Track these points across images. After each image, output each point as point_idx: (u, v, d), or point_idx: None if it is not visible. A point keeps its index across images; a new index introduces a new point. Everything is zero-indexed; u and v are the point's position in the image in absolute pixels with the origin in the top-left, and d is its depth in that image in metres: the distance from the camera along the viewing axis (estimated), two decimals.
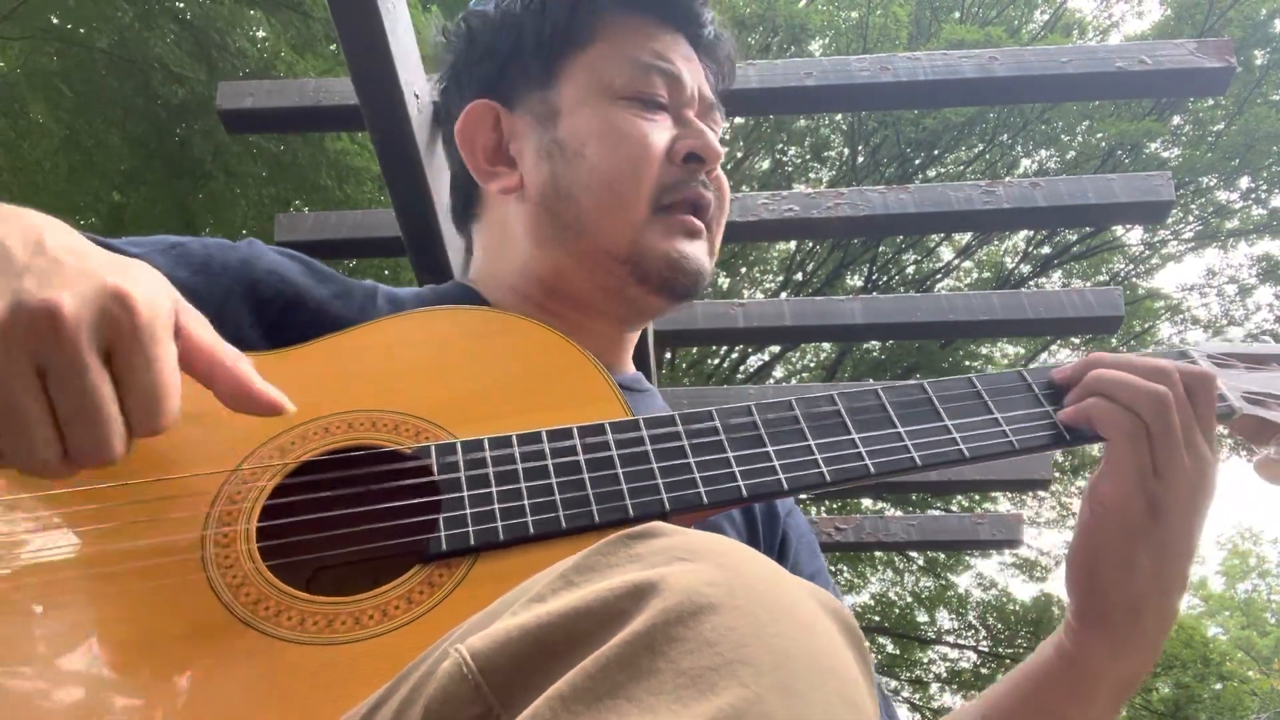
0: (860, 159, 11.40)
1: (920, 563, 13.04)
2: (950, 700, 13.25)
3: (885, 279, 12.19)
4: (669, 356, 10.61)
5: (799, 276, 12.18)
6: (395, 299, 0.96)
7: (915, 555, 12.46)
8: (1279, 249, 12.00)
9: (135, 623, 0.63)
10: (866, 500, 10.25)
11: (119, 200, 7.12)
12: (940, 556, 12.47)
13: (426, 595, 0.66)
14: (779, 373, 12.73)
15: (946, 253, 12.52)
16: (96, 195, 7.06)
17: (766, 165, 12.08)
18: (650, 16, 1.00)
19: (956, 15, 11.41)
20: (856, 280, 12.21)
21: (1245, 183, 11.16)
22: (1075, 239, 11.66)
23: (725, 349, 11.65)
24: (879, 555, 12.39)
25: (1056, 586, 14.06)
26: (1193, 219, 11.82)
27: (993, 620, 12.75)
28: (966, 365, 12.04)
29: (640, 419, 0.76)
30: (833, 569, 12.68)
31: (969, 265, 12.85)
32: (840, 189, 2.62)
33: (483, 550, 0.68)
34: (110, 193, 7.12)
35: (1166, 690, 11.87)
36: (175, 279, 0.85)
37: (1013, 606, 12.65)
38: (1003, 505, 11.56)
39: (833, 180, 11.71)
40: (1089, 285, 11.26)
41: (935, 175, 11.68)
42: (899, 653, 13.33)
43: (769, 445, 0.76)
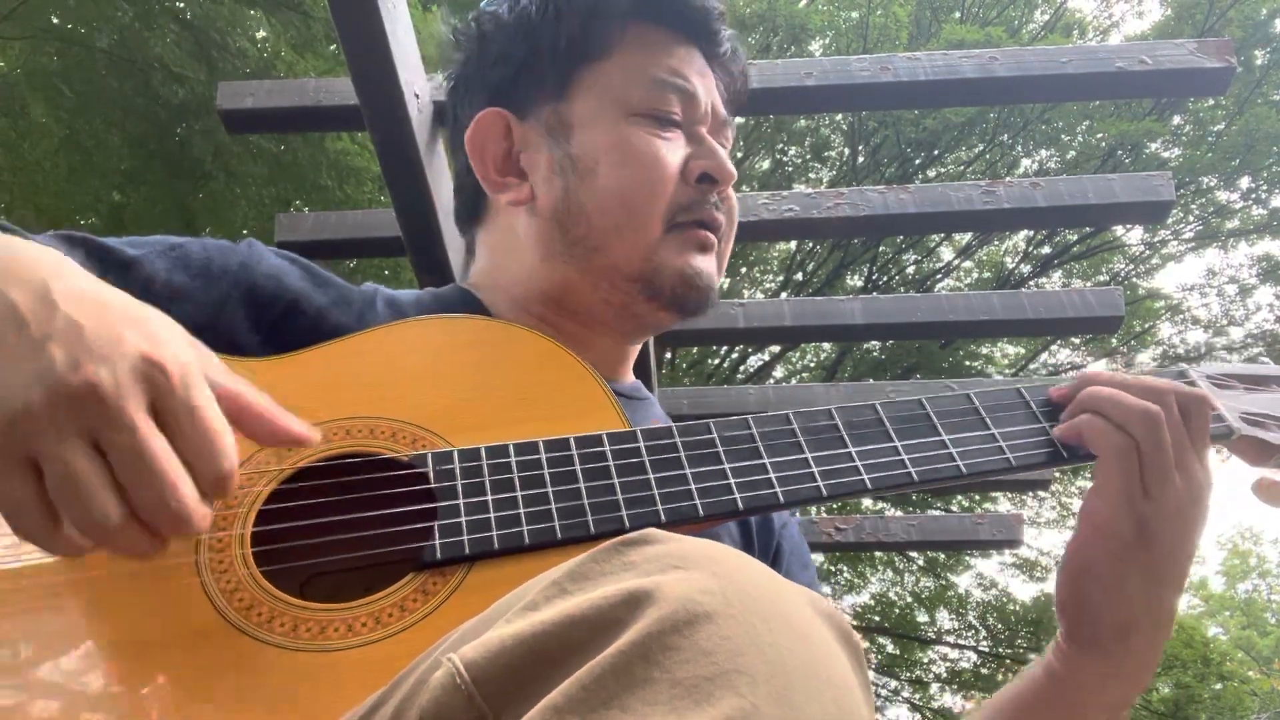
0: (860, 159, 11.39)
1: (920, 563, 13.04)
2: (950, 700, 13.25)
3: (885, 279, 12.19)
4: (669, 356, 10.61)
5: (799, 276, 12.18)
6: (394, 303, 0.96)
7: (915, 555, 12.45)
8: (1279, 249, 12.01)
9: (128, 627, 0.63)
10: (866, 501, 10.24)
11: (119, 200, 7.12)
12: (940, 556, 12.47)
13: (420, 603, 0.66)
14: (779, 373, 12.73)
15: (946, 253, 12.52)
16: (96, 195, 7.05)
17: (766, 165, 12.08)
18: (666, 30, 0.99)
19: (957, 15, 11.40)
20: (856, 280, 12.21)
21: (1245, 183, 11.16)
22: (1075, 239, 11.66)
23: (725, 349, 11.65)
24: (879, 555, 12.39)
25: None
26: (1193, 219, 11.81)
27: (993, 620, 12.75)
28: (966, 365, 12.03)
29: (637, 430, 0.76)
30: (833, 569, 12.70)
31: (969, 265, 12.84)
32: (840, 189, 2.61)
33: (477, 559, 0.68)
34: (110, 193, 7.12)
35: (1166, 690, 11.86)
36: (174, 282, 0.85)
37: (1013, 606, 12.65)
38: (1003, 505, 11.57)
39: (833, 180, 11.71)
40: (1089, 285, 11.26)
41: (935, 175, 11.67)
42: (899, 653, 13.33)
43: (766, 458, 0.76)
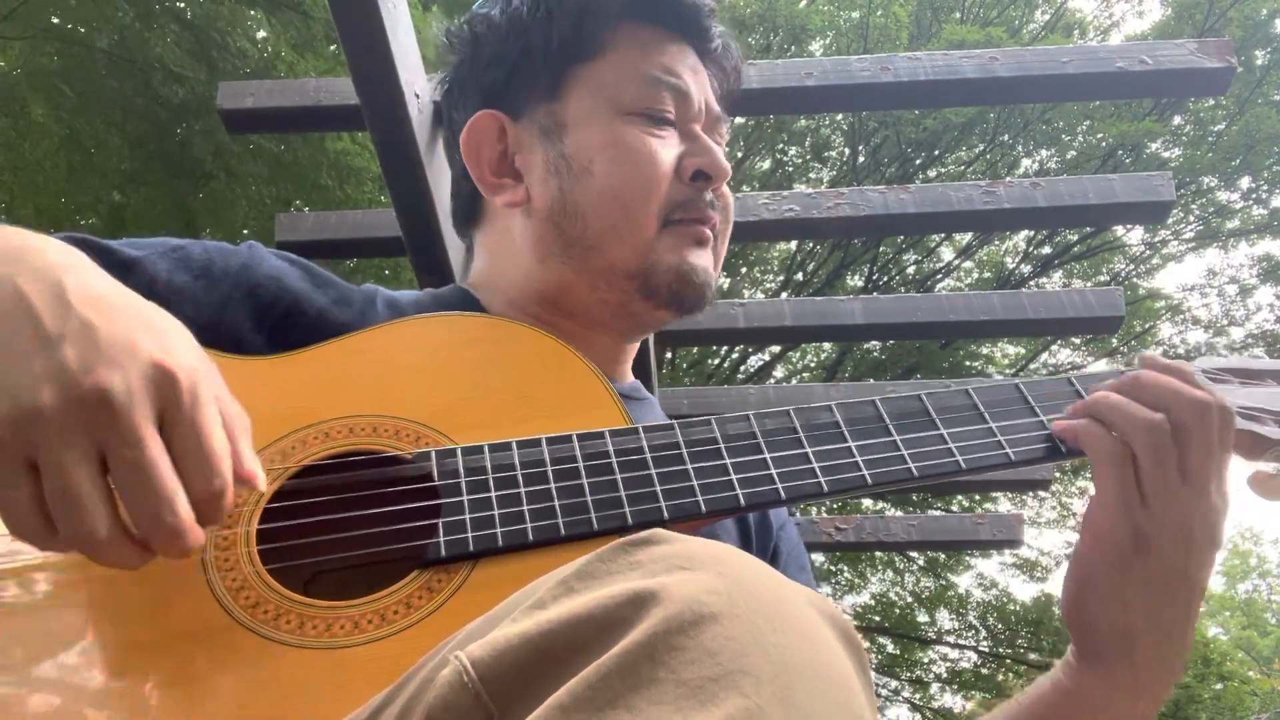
0: (861, 159, 11.39)
1: (920, 563, 13.04)
2: (950, 700, 13.26)
3: (885, 279, 12.19)
4: (669, 356, 10.62)
5: (799, 276, 12.18)
6: (394, 303, 0.96)
7: (915, 555, 12.45)
8: (1279, 249, 12.01)
9: (134, 624, 0.63)
10: (867, 500, 10.25)
11: (119, 200, 7.12)
12: (940, 556, 12.47)
13: (425, 600, 0.66)
14: (779, 373, 12.73)
15: (947, 253, 12.52)
16: (96, 195, 7.05)
17: (766, 165, 12.08)
18: (658, 28, 0.99)
19: (957, 15, 11.40)
20: (856, 280, 12.21)
21: (1246, 183, 11.16)
22: (1076, 239, 11.66)
23: (725, 349, 11.65)
24: (879, 555, 12.39)
25: (1057, 587, 14.05)
26: (1193, 219, 11.81)
27: (993, 620, 12.75)
28: (967, 365, 12.03)
29: (640, 427, 0.76)
30: (833, 569, 12.69)
31: (969, 265, 12.84)
32: (840, 189, 2.61)
33: (482, 556, 0.68)
34: (110, 193, 7.12)
35: None
36: (176, 283, 0.85)
37: (1013, 606, 12.65)
38: (1003, 505, 11.57)
39: (833, 180, 11.71)
40: (1089, 285, 11.27)
41: (936, 175, 11.67)
42: (899, 653, 13.32)
43: (767, 454, 0.76)
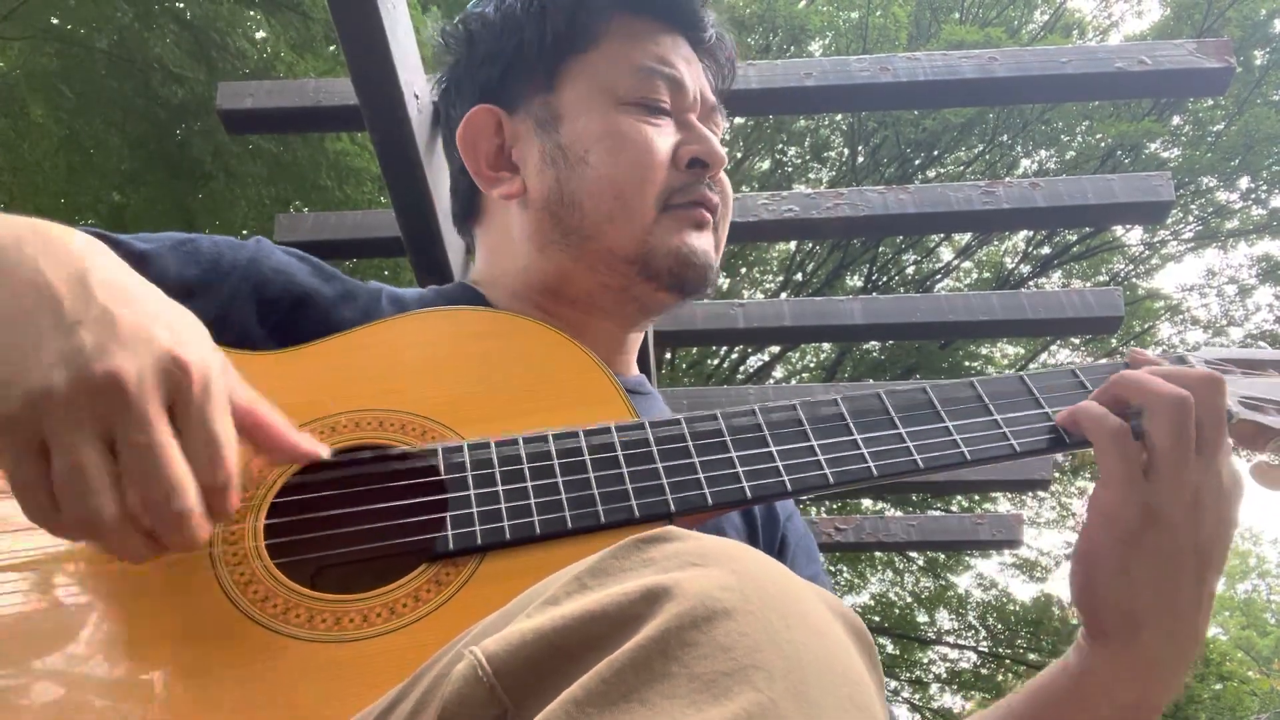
0: (860, 159, 11.39)
1: (920, 563, 13.04)
2: (950, 700, 13.25)
3: (885, 279, 12.19)
4: (669, 356, 10.61)
5: (799, 277, 12.18)
6: (399, 300, 0.97)
7: (915, 555, 12.45)
8: (1279, 249, 12.01)
9: (144, 620, 0.64)
10: (866, 500, 10.25)
11: (119, 200, 7.11)
12: (940, 557, 12.47)
13: (434, 593, 0.66)
14: (779, 373, 12.73)
15: (946, 253, 12.52)
16: (96, 195, 7.05)
17: (766, 165, 12.08)
18: (651, 19, 1.00)
19: (956, 16, 11.40)
20: (856, 280, 12.21)
21: (1245, 183, 11.16)
22: (1075, 239, 11.66)
23: (725, 349, 11.65)
24: (879, 555, 12.39)
25: (1056, 586, 14.06)
26: (1192, 219, 11.81)
27: (993, 620, 12.75)
28: (966, 365, 12.03)
29: (645, 420, 0.76)
30: (832, 569, 12.71)
31: (969, 265, 12.84)
32: (840, 189, 2.62)
33: (489, 549, 0.68)
34: (110, 193, 7.12)
35: None
36: (185, 277, 0.86)
37: (1013, 607, 12.65)
38: (1003, 505, 11.57)
39: (833, 180, 11.71)
40: (1089, 285, 11.26)
41: (935, 175, 11.67)
42: (899, 653, 13.32)
43: (772, 446, 0.76)
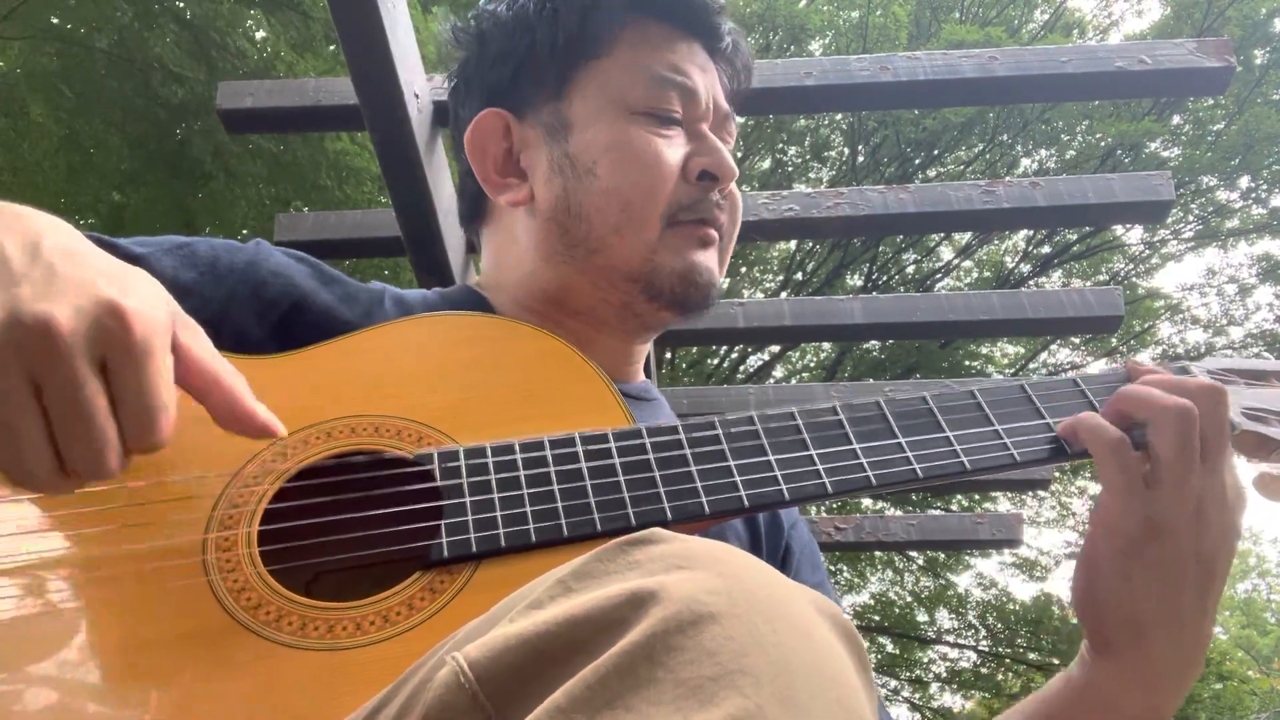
0: (860, 159, 11.39)
1: (920, 562, 13.04)
2: (950, 700, 13.25)
3: (885, 279, 12.18)
4: (669, 356, 10.62)
5: (799, 276, 12.18)
6: (402, 302, 0.96)
7: (915, 555, 12.45)
8: (1279, 249, 12.01)
9: (135, 626, 0.63)
10: (866, 500, 10.25)
11: (119, 200, 7.12)
12: (940, 556, 12.47)
13: (428, 601, 0.66)
14: (779, 373, 12.73)
15: (946, 252, 12.52)
16: (96, 195, 7.06)
17: (766, 165, 12.08)
18: (666, 25, 0.98)
19: (956, 15, 11.40)
20: (856, 280, 12.21)
21: (1245, 182, 11.16)
22: (1075, 239, 11.66)
23: (725, 349, 11.65)
24: (879, 555, 12.39)
25: (1056, 586, 14.06)
26: (1193, 219, 11.81)
27: (992, 620, 12.75)
28: (966, 365, 12.03)
29: (643, 427, 0.76)
30: (832, 569, 12.72)
31: (969, 265, 12.84)
32: (840, 189, 2.61)
33: (484, 557, 0.68)
34: (110, 193, 7.12)
35: None
36: (182, 280, 0.85)
37: (1012, 606, 12.65)
38: (1003, 505, 11.57)
39: (833, 180, 11.71)
40: (1089, 285, 11.26)
41: (935, 175, 11.67)
42: (899, 652, 13.33)
43: (771, 455, 0.76)
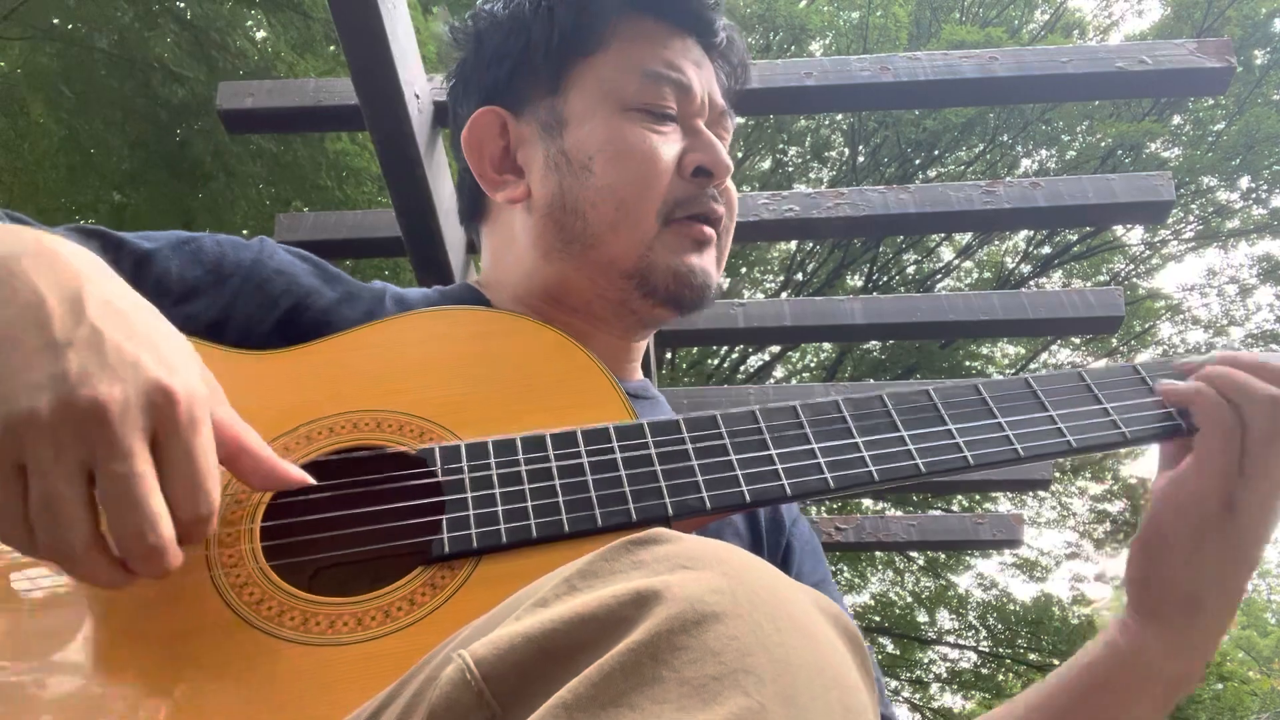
0: (860, 159, 11.39)
1: (920, 563, 13.04)
2: (950, 700, 13.25)
3: (885, 279, 12.18)
4: (669, 356, 10.61)
5: (799, 276, 12.17)
6: (404, 301, 0.96)
7: (915, 555, 12.45)
8: (1279, 249, 12.01)
9: (138, 621, 0.63)
10: (867, 500, 10.24)
11: (119, 201, 7.11)
12: (940, 556, 12.47)
13: (429, 597, 0.66)
14: (779, 373, 12.72)
15: (946, 253, 12.51)
16: (96, 195, 7.05)
17: (766, 165, 12.08)
18: (661, 22, 0.98)
19: (956, 15, 11.40)
20: (856, 280, 12.20)
21: (1245, 183, 11.15)
22: (1075, 239, 11.65)
23: (725, 349, 11.65)
24: (879, 555, 12.39)
25: (1056, 586, 14.04)
26: (1193, 219, 11.80)
27: (993, 620, 12.74)
28: (966, 365, 12.03)
29: (644, 423, 0.76)
30: (833, 569, 12.72)
31: (969, 265, 12.84)
32: (840, 189, 2.61)
33: (485, 553, 0.68)
34: (110, 193, 7.12)
35: None
36: (188, 276, 0.86)
37: (1013, 606, 12.64)
38: (1003, 505, 11.56)
39: (833, 180, 11.70)
40: (1089, 285, 11.27)
41: (935, 175, 11.66)
42: (899, 653, 13.32)
43: (773, 449, 0.76)
